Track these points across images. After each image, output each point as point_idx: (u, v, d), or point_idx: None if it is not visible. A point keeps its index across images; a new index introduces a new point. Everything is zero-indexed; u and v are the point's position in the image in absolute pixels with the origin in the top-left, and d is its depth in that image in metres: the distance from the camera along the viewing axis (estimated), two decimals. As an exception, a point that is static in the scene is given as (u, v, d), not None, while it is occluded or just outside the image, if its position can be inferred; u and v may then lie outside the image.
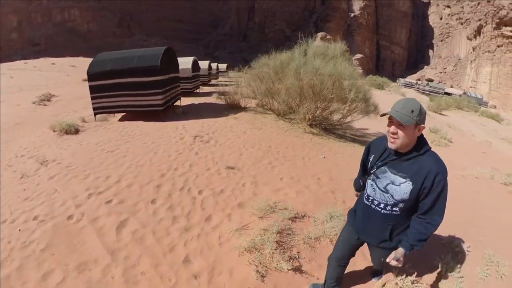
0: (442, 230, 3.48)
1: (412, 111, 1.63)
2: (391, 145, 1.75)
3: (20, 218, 3.21)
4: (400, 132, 1.68)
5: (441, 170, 1.70)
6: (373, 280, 2.64)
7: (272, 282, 2.59)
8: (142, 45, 65.32)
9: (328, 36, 71.53)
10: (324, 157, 6.22)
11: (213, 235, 3.08)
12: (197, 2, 78.32)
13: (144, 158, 4.90)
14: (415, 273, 2.50)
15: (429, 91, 46.50)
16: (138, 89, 7.97)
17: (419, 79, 68.28)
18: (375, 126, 11.08)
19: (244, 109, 10.15)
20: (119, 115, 9.26)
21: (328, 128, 9.09)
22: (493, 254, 3.16)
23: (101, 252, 2.62)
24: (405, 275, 2.47)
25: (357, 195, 2.27)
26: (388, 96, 26.77)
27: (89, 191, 3.69)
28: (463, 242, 3.34)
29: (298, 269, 2.75)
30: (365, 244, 2.21)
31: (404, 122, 1.63)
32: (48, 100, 13.53)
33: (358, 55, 71.70)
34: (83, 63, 36.20)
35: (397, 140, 1.70)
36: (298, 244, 3.06)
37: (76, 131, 7.31)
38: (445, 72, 67.45)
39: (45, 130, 7.43)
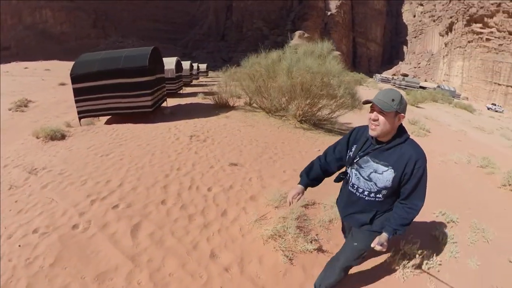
0: (435, 206, 4.04)
1: (393, 100, 1.70)
2: (372, 132, 1.81)
3: (17, 232, 2.96)
4: (381, 119, 1.73)
5: (420, 156, 1.78)
6: None
7: (300, 264, 2.76)
8: (118, 47, 63.45)
9: (306, 34, 72.54)
10: (319, 150, 6.37)
11: (234, 228, 3.14)
12: (174, 1, 76.99)
13: (142, 160, 4.73)
14: (419, 241, 3.04)
15: (405, 86, 48.18)
16: (126, 90, 7.71)
17: (394, 74, 70.60)
18: (359, 120, 11.40)
19: (233, 108, 10.08)
20: (104, 119, 8.94)
21: (316, 123, 9.28)
22: (478, 222, 3.75)
23: (120, 259, 2.49)
24: (411, 244, 2.98)
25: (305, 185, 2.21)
26: (367, 91, 27.51)
27: (91, 197, 3.50)
28: (453, 214, 3.86)
29: (320, 249, 2.99)
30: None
31: (385, 109, 1.70)
32: (25, 106, 12.86)
33: (336, 53, 72.99)
34: (58, 66, 34.78)
35: (377, 127, 1.76)
36: (315, 228, 3.31)
37: (63, 137, 6.94)
38: (419, 67, 70.10)
39: (27, 137, 7.00)
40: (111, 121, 8.49)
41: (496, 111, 41.44)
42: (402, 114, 1.76)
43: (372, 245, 1.90)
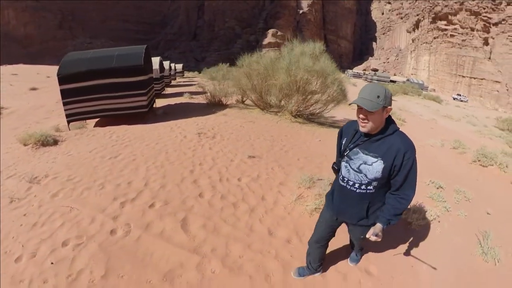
0: (425, 176, 4.95)
1: (378, 96, 1.72)
2: (362, 129, 1.83)
3: (41, 249, 2.72)
4: (369, 117, 1.77)
5: (409, 148, 1.80)
6: (350, 264, 2.72)
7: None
8: (87, 48, 60.58)
9: (279, 33, 73.23)
10: (320, 140, 6.79)
11: (278, 209, 3.38)
12: (144, 1, 74.60)
13: (158, 159, 4.58)
14: (419, 202, 3.87)
15: (377, 80, 50.13)
16: (120, 90, 7.37)
17: (365, 70, 73.16)
18: (347, 114, 11.86)
19: (227, 106, 10.00)
20: (92, 122, 8.50)
21: (309, 117, 9.50)
22: (460, 187, 4.74)
23: (182, 255, 2.41)
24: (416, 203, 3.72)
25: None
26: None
27: (119, 200, 3.32)
28: (440, 182, 4.77)
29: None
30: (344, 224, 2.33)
31: (373, 109, 1.71)
32: (-1, 113, 11.96)
33: (309, 50, 74.47)
34: (25, 71, 32.66)
35: (367, 124, 1.79)
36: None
37: (55, 142, 6.50)
38: (388, 62, 73.04)
39: (11, 145, 6.52)
40: (101, 123, 8.07)
41: (461, 101, 44.30)
42: (390, 107, 1.78)
43: (367, 236, 1.91)
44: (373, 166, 1.83)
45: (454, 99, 45.09)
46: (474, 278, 2.74)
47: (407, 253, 2.91)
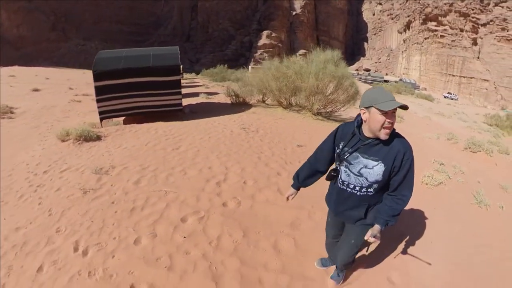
0: (430, 157, 6.10)
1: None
2: (386, 137, 1.79)
3: (158, 228, 3.00)
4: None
5: (407, 149, 1.82)
6: (330, 280, 2.57)
7: None
8: (81, 50, 59.94)
9: (274, 34, 74.00)
10: None
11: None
12: (138, 1, 74.21)
13: (220, 149, 5.06)
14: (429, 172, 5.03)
15: (371, 80, 51.25)
16: (157, 89, 7.78)
17: (357, 69, 74.49)
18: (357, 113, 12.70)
19: (251, 105, 10.49)
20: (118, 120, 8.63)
21: (327, 116, 10.16)
22: (456, 164, 5.97)
23: (292, 211, 3.03)
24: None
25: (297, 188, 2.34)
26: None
27: (212, 181, 3.78)
28: (441, 160, 5.96)
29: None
30: None
31: (407, 108, 1.76)
32: (11, 113, 12.10)
33: (302, 51, 75.21)
34: (22, 72, 32.28)
35: (392, 127, 1.78)
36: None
37: (98, 138, 6.73)
38: (380, 62, 74.58)
39: (48, 142, 6.66)
40: (128, 121, 8.27)
41: (452, 99, 45.97)
42: None
43: (365, 238, 1.93)
44: (374, 170, 1.85)
45: (445, 97, 46.72)
46: (473, 217, 4.01)
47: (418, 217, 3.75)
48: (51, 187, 4.19)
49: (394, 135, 1.85)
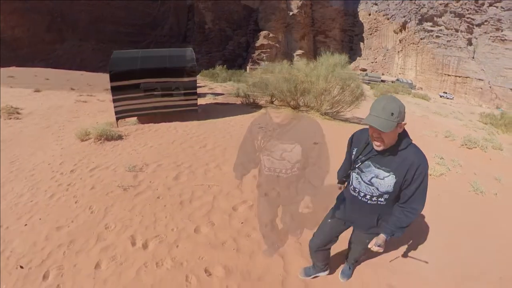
0: (431, 152, 6.72)
1: (392, 114, 1.60)
2: (377, 148, 1.76)
3: (212, 218, 3.30)
4: (383, 135, 1.68)
5: (422, 162, 1.73)
6: (341, 280, 2.64)
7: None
8: (78, 51, 59.58)
9: (271, 35, 74.27)
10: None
11: None
12: (134, 2, 73.89)
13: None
14: (431, 165, 5.48)
15: (368, 80, 51.78)
16: (174, 89, 7.99)
17: (354, 70, 75.06)
18: (362, 112, 13.07)
19: (260, 106, 10.79)
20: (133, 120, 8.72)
21: (333, 116, 10.49)
22: (454, 158, 6.65)
23: None
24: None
25: (340, 188, 2.36)
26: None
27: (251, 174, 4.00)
28: (441, 155, 6.64)
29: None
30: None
31: (386, 130, 1.61)
32: (18, 113, 12.11)
33: (299, 51, 75.86)
34: (21, 73, 32.11)
35: (382, 143, 1.72)
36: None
37: (120, 137, 6.81)
38: (376, 62, 75.23)
39: (65, 141, 6.73)
40: (143, 121, 8.31)
41: (448, 98, 46.72)
42: (403, 122, 1.68)
43: (369, 246, 1.89)
44: (385, 181, 1.80)
45: (440, 96, 47.46)
46: (471, 201, 4.76)
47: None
48: (83, 185, 4.28)
49: (410, 146, 1.77)
